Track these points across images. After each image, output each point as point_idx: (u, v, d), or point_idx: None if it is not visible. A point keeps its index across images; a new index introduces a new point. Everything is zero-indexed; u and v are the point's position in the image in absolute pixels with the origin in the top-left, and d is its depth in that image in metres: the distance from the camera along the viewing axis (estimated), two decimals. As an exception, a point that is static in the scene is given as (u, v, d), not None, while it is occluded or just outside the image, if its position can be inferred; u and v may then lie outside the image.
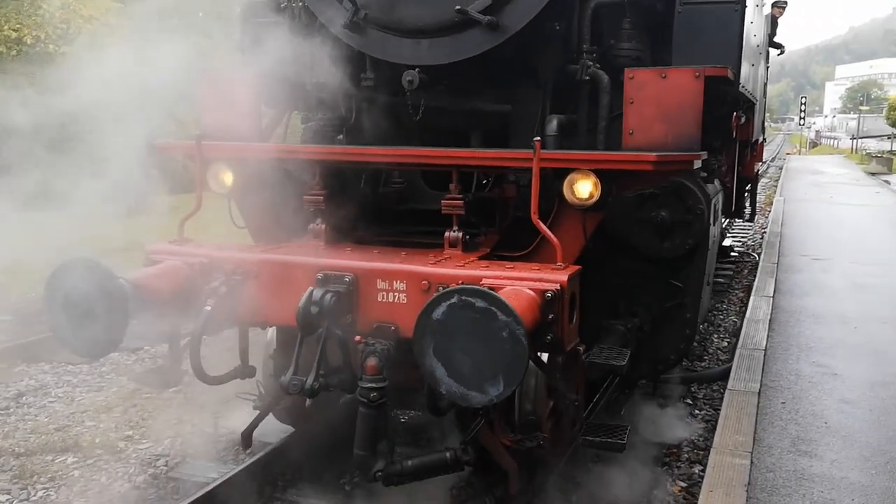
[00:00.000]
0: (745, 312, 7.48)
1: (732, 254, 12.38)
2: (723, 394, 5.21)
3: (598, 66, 4.05)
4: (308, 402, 4.24)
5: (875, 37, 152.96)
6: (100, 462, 5.21)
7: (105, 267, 3.45)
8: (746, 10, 4.25)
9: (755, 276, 9.30)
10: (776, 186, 22.54)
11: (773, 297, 7.59)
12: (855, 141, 49.38)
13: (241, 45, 4.85)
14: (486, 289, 2.92)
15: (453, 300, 2.87)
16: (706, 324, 8.46)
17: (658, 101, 3.69)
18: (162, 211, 6.67)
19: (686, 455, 5.10)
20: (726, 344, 7.92)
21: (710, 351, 7.80)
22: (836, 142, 64.17)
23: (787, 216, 14.47)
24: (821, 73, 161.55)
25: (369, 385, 3.26)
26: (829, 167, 32.21)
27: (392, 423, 3.54)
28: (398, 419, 3.68)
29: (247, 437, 4.20)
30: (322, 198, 4.01)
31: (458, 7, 3.81)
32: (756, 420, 4.47)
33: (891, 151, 38.15)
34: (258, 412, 4.17)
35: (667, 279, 4.03)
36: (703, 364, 7.36)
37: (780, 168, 31.81)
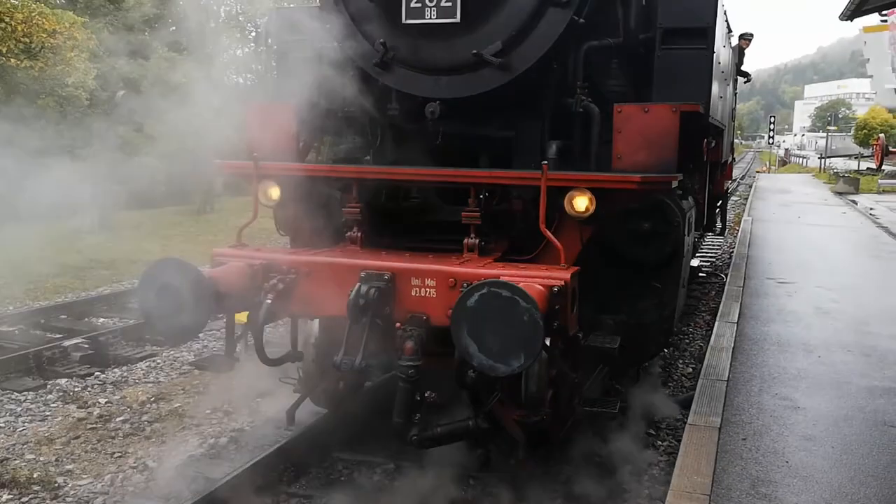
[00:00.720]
0: (710, 336, 7.40)
1: (700, 274, 12.34)
2: (685, 423, 5.08)
3: (589, 99, 4.73)
4: (341, 385, 4.88)
5: (842, 57, 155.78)
6: (35, 500, 4.96)
7: (194, 266, 4.17)
8: (715, 50, 4.98)
9: (722, 298, 9.24)
10: (745, 205, 22.67)
11: (737, 323, 7.50)
12: (823, 160, 49.98)
13: (275, 68, 5.78)
14: (509, 281, 3.60)
15: (484, 291, 3.59)
16: (672, 349, 8.38)
17: (642, 131, 4.40)
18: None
19: (646, 491, 4.97)
20: (691, 370, 7.83)
21: (675, 377, 7.71)
22: (805, 160, 64.99)
23: (755, 236, 14.49)
24: (790, 93, 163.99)
25: (407, 363, 3.97)
26: (798, 186, 32.54)
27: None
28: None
29: (291, 416, 4.90)
30: (359, 210, 4.71)
31: (474, 51, 4.56)
32: (716, 458, 4.33)
33: (858, 171, 38.62)
34: (299, 395, 4.94)
35: (648, 281, 4.89)
36: (667, 391, 7.27)
37: (750, 186, 32.02)
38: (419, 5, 4.63)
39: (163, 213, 19.47)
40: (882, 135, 46.54)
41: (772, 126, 57.79)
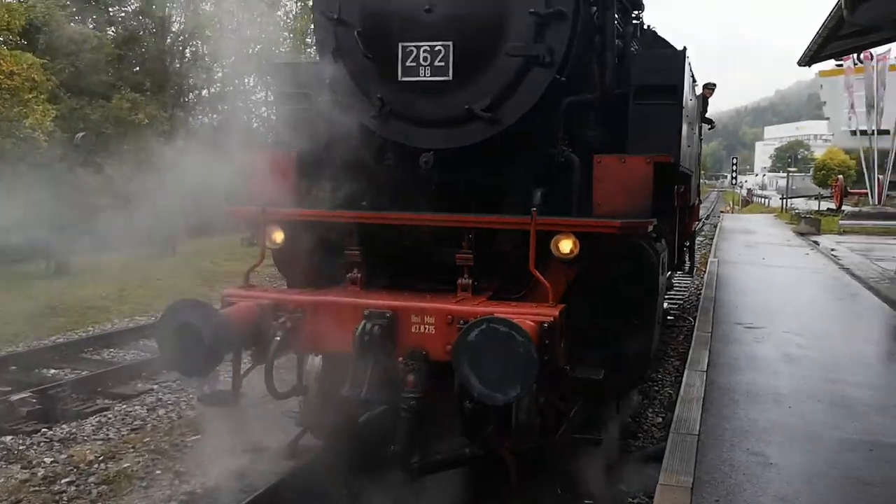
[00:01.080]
0: (680, 384, 7.27)
1: (668, 317, 12.28)
2: (657, 479, 4.91)
3: (570, 150, 5.13)
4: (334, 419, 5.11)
5: (800, 100, 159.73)
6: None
7: (210, 305, 4.52)
8: (683, 104, 5.40)
9: (691, 343, 9.14)
10: (710, 245, 22.80)
11: (706, 371, 7.38)
12: (785, 200, 50.82)
13: (276, 128, 6.25)
14: (506, 318, 3.94)
15: (483, 326, 3.92)
16: (641, 396, 8.24)
17: (619, 180, 4.83)
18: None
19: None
20: (661, 420, 7.69)
21: (645, 427, 7.56)
22: (767, 200, 66.03)
23: (722, 279, 14.50)
24: (751, 134, 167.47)
25: (410, 395, 4.31)
26: (761, 226, 32.94)
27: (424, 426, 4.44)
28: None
29: (293, 447, 5.34)
30: (359, 252, 5.10)
31: (465, 106, 4.97)
32: (689, 523, 4.17)
33: (818, 212, 39.28)
34: (300, 428, 5.30)
35: (627, 317, 5.21)
36: (636, 443, 7.11)
37: (715, 226, 32.30)
38: (414, 64, 5.03)
39: (123, 257, 19.04)
40: (840, 176, 47.50)
41: (734, 167, 58.73)
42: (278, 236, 5.32)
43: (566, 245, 4.63)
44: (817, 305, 12.22)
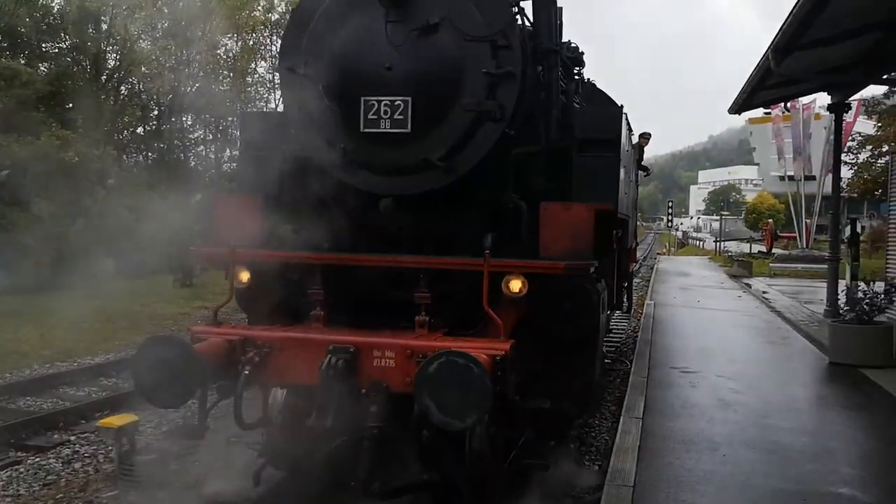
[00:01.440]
0: (616, 429, 7.21)
1: (605, 361, 12.28)
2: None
3: (518, 197, 5.49)
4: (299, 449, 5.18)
5: (731, 146, 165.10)
6: None
7: (185, 340, 4.81)
8: (621, 156, 5.98)
9: (627, 386, 9.13)
10: (647, 287, 23.12)
11: (642, 418, 7.34)
12: (718, 243, 52.13)
13: (240, 172, 6.69)
14: (463, 351, 4.22)
15: (443, 359, 4.19)
16: (578, 442, 8.14)
17: (564, 226, 5.21)
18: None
19: None
20: (597, 468, 7.59)
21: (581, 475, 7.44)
22: (701, 242, 67.76)
23: (658, 322, 14.65)
24: (686, 177, 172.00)
25: (372, 424, 4.56)
26: (696, 269, 33.67)
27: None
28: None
29: (257, 477, 5.24)
30: (321, 291, 5.36)
31: (423, 157, 5.32)
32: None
33: (750, 255, 40.36)
34: (263, 459, 5.29)
35: (571, 352, 5.56)
36: (573, 492, 6.98)
37: (652, 268, 32.86)
38: (375, 117, 5.33)
39: (49, 298, 18.29)
40: (771, 220, 49.03)
41: (670, 210, 60.18)
42: (244, 276, 5.62)
43: (516, 284, 5.01)
44: (750, 349, 12.39)
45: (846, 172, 29.39)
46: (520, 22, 5.70)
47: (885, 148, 29.27)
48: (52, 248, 21.18)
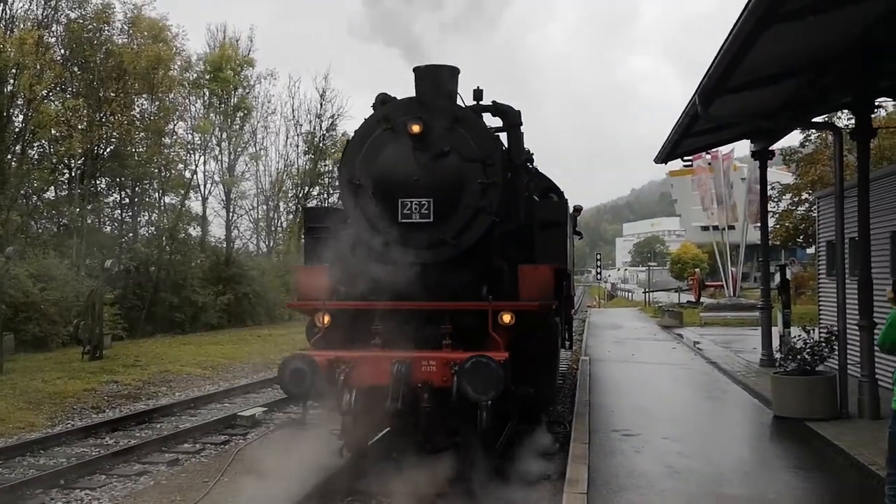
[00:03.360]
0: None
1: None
2: None
3: (503, 260, 8.29)
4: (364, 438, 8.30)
5: (653, 198, 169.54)
6: None
7: (310, 356, 7.49)
8: (566, 232, 9.11)
9: (567, 452, 8.43)
10: (580, 341, 22.63)
11: (587, 494, 6.64)
12: (647, 294, 52.55)
13: (308, 250, 9.22)
14: (485, 354, 7.00)
15: (474, 360, 6.89)
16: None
17: (534, 280, 7.95)
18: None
19: None
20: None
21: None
22: (630, 294, 68.35)
23: (594, 379, 14.09)
24: (611, 230, 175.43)
25: (426, 405, 7.15)
26: (628, 321, 33.54)
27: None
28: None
29: (341, 451, 7.79)
30: (381, 327, 7.77)
31: (440, 237, 7.98)
32: None
33: (680, 304, 40.64)
34: (343, 443, 7.75)
35: (541, 362, 8.41)
36: None
37: (584, 321, 32.45)
38: (408, 212, 8.01)
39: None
40: (697, 270, 49.76)
41: (598, 262, 60.63)
42: (327, 319, 8.08)
43: (507, 317, 7.63)
44: (691, 406, 11.92)
45: (769, 221, 29.86)
46: (499, 139, 8.91)
47: (804, 196, 29.99)
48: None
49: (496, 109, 9.19)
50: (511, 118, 9.19)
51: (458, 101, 8.70)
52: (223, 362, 21.03)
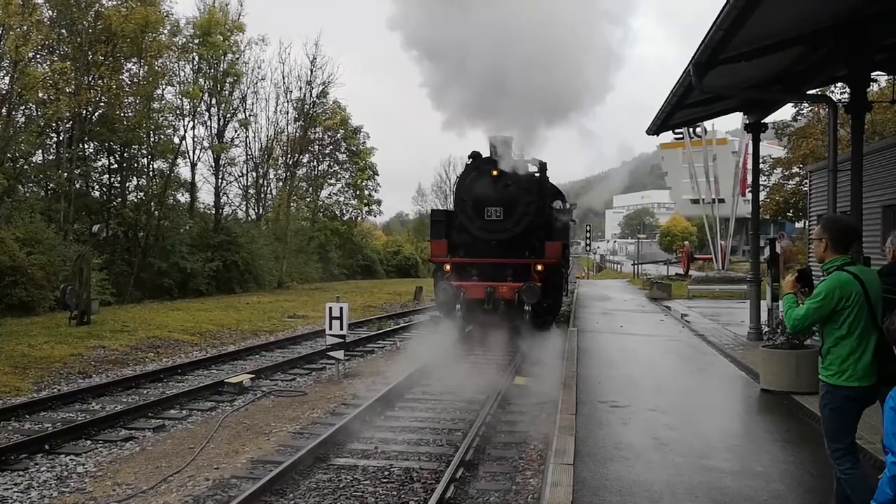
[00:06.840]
0: (545, 480, 6.47)
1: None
2: None
3: (536, 239, 17.49)
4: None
5: (644, 171, 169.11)
6: None
7: (453, 285, 16.60)
8: (568, 224, 20.28)
9: (555, 421, 8.43)
10: (569, 312, 22.67)
11: (573, 464, 6.63)
12: (636, 266, 52.64)
13: (433, 233, 18.54)
14: (532, 283, 16.54)
15: (528, 284, 16.34)
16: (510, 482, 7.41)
17: (552, 249, 17.36)
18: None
19: None
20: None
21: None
22: (619, 266, 68.50)
23: (582, 350, 14.09)
24: (601, 202, 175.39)
25: (503, 308, 16.72)
26: (616, 292, 33.62)
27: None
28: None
29: (462, 330, 17.78)
30: (475, 271, 17.15)
31: (506, 228, 17.04)
32: None
33: (668, 277, 40.74)
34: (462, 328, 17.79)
35: (554, 290, 17.90)
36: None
37: (572, 292, 32.44)
38: (489, 214, 16.90)
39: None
40: (686, 242, 49.81)
41: (588, 234, 60.65)
42: (448, 268, 17.15)
43: (540, 266, 16.82)
44: (679, 378, 11.94)
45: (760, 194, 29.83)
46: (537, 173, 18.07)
47: (795, 169, 29.96)
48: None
49: (534, 160, 17.78)
50: (541, 166, 18.07)
51: (513, 149, 16.89)
52: (211, 329, 20.99)
